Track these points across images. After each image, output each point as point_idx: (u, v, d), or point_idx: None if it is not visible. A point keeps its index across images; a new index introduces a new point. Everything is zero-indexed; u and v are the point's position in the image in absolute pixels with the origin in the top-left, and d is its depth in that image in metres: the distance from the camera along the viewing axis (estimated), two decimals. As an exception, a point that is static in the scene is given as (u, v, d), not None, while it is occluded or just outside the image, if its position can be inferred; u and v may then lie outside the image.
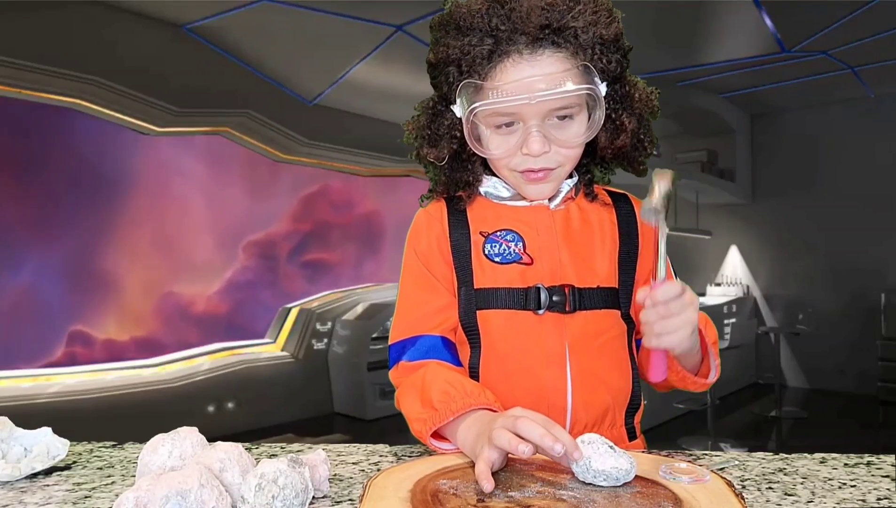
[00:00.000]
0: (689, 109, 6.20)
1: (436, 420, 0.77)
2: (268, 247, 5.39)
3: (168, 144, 4.63)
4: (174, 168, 4.71)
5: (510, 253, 0.87)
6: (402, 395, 0.85)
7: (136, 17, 4.14)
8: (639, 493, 0.61)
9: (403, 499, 0.60)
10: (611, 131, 0.86)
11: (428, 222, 0.92)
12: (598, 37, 0.79)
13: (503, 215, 0.90)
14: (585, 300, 0.86)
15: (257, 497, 0.59)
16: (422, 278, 0.90)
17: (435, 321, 0.88)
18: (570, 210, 0.91)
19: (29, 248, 3.95)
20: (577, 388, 0.85)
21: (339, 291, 5.88)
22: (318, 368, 5.37)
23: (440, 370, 0.84)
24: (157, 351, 4.55)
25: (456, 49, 0.81)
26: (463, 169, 0.89)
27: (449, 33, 0.82)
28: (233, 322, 5.14)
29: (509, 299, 0.86)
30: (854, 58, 5.11)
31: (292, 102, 5.33)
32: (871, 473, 0.73)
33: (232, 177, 5.12)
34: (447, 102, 0.86)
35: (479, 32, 0.79)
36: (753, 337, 6.54)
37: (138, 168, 4.50)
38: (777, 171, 6.72)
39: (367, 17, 4.07)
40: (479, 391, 0.79)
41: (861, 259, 6.12)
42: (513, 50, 0.79)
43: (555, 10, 0.78)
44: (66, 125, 4.10)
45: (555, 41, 0.78)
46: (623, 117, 0.86)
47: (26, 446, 0.82)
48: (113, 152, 4.32)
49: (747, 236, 6.93)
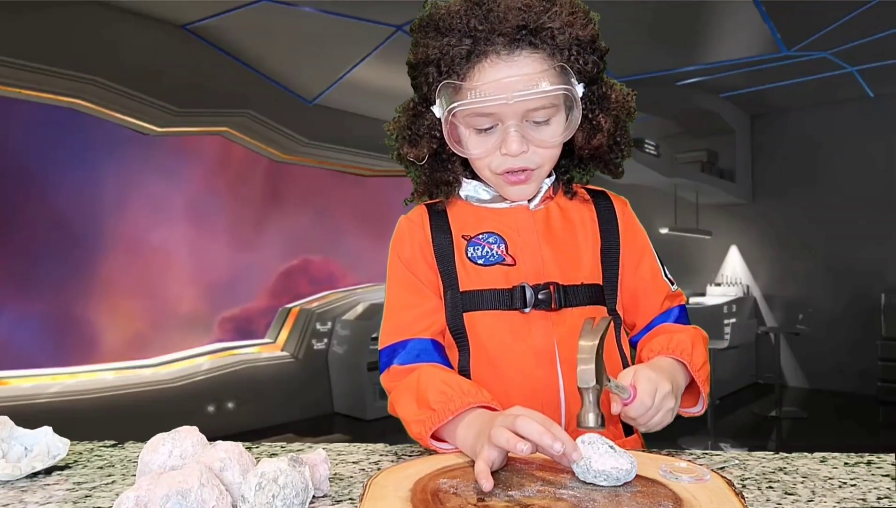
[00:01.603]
0: (689, 109, 6.21)
1: (435, 421, 0.77)
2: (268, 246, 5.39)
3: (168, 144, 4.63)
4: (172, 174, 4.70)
5: (493, 255, 0.88)
6: (397, 399, 0.85)
7: (136, 17, 4.15)
8: (639, 492, 0.61)
9: (403, 498, 0.60)
10: (587, 131, 0.87)
11: (410, 229, 0.93)
12: (575, 38, 0.80)
13: (484, 218, 0.91)
14: (571, 297, 0.86)
15: (258, 496, 0.59)
16: (408, 283, 0.91)
17: (423, 324, 0.89)
18: (550, 209, 0.92)
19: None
20: (570, 384, 0.85)
21: (339, 291, 5.88)
22: (318, 368, 5.37)
23: (435, 371, 0.84)
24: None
25: (435, 50, 0.81)
26: (443, 169, 0.90)
27: (428, 34, 0.83)
28: (233, 322, 5.13)
29: (495, 299, 0.87)
30: (854, 58, 5.11)
31: (292, 102, 5.33)
32: (871, 472, 0.73)
33: (234, 179, 5.12)
34: (427, 102, 0.87)
35: (458, 33, 0.80)
36: (753, 337, 6.54)
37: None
38: (777, 171, 6.72)
39: (367, 17, 4.08)
40: (475, 389, 0.79)
41: (861, 259, 6.12)
42: (490, 50, 0.79)
43: (531, 11, 0.78)
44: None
45: (532, 42, 0.79)
46: (599, 118, 0.86)
47: (27, 445, 0.82)
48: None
49: (747, 236, 6.93)
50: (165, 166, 4.62)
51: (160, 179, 4.60)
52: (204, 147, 4.87)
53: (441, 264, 0.90)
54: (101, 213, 4.25)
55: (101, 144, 4.23)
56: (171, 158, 4.66)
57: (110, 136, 4.27)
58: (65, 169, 4.07)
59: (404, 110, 0.90)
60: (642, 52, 4.85)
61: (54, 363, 3.99)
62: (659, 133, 6.94)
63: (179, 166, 4.72)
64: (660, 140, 6.07)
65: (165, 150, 4.61)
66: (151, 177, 4.55)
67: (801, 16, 4.25)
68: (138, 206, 4.46)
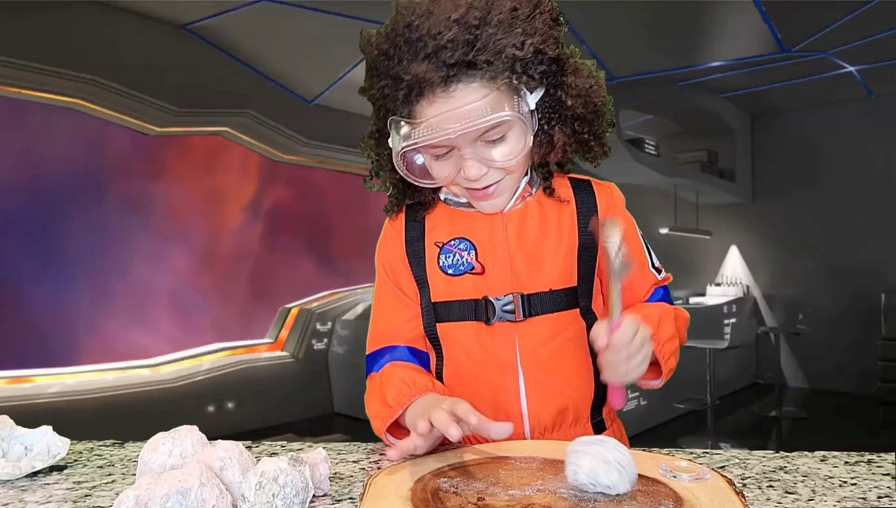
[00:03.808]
0: (689, 109, 6.21)
1: (390, 415, 0.81)
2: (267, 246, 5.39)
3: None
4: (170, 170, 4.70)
5: (463, 263, 0.88)
6: (367, 402, 0.90)
7: (136, 17, 4.15)
8: (639, 491, 0.61)
9: (404, 498, 0.60)
10: (543, 147, 0.86)
11: (392, 235, 0.94)
12: (511, 58, 0.76)
13: (458, 222, 0.91)
14: (536, 306, 0.87)
15: (258, 495, 0.59)
16: (389, 290, 0.94)
17: (403, 331, 0.92)
18: (527, 209, 0.90)
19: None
20: (532, 394, 0.87)
21: (339, 291, 5.88)
22: (318, 368, 5.37)
23: (395, 370, 0.88)
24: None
25: (376, 91, 0.83)
26: (414, 191, 0.91)
27: (371, 74, 0.84)
28: (234, 322, 5.13)
29: (462, 311, 0.88)
30: (854, 58, 5.11)
31: (292, 102, 5.33)
32: (871, 471, 0.73)
33: (233, 178, 5.12)
34: (383, 134, 0.87)
35: (390, 78, 0.79)
36: (753, 337, 6.53)
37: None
38: (777, 171, 6.72)
39: (367, 17, 4.08)
40: (429, 382, 0.83)
41: (861, 259, 6.12)
42: (426, 90, 0.77)
43: (458, 44, 0.75)
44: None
45: (466, 73, 0.76)
46: (555, 130, 0.84)
47: (27, 444, 0.82)
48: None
49: (747, 236, 6.93)
50: (165, 166, 4.63)
51: (160, 178, 4.60)
52: (204, 147, 4.87)
53: (415, 271, 0.91)
54: (101, 213, 4.25)
55: (101, 145, 4.24)
56: (171, 158, 4.66)
57: (110, 136, 4.28)
58: (65, 169, 4.07)
59: (368, 138, 0.91)
60: (642, 52, 4.86)
61: (54, 363, 3.99)
62: (659, 133, 6.95)
63: (179, 166, 4.72)
64: (660, 140, 6.08)
65: (165, 150, 4.61)
66: (151, 176, 4.55)
67: (801, 16, 4.25)
68: (138, 205, 4.46)
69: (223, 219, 5.06)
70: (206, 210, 4.91)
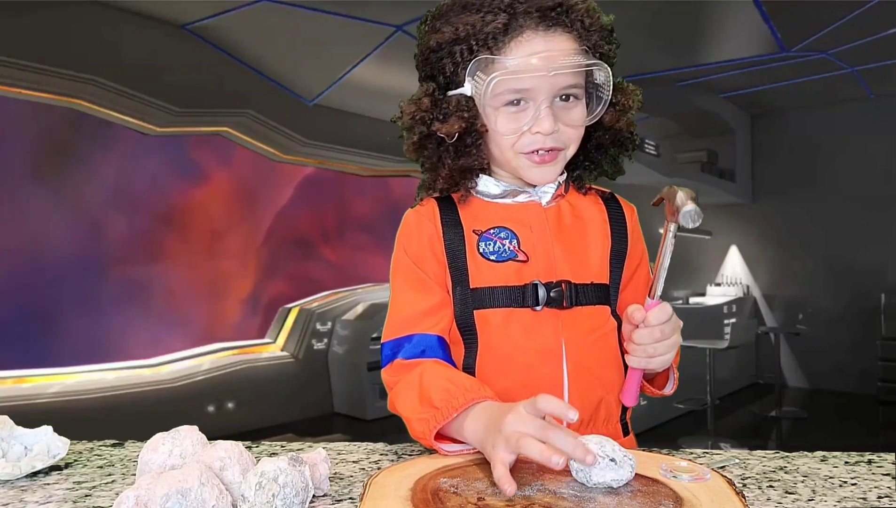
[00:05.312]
0: (689, 109, 6.21)
1: (438, 419, 0.75)
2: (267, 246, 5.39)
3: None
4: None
5: (505, 251, 0.87)
6: (398, 395, 0.83)
7: (136, 17, 4.15)
8: (639, 491, 0.61)
9: (404, 498, 0.60)
10: (613, 114, 0.89)
11: (419, 222, 0.91)
12: (599, 24, 0.85)
13: (495, 213, 0.90)
14: (581, 296, 0.86)
15: (258, 495, 0.59)
16: (414, 278, 0.89)
17: (430, 320, 0.87)
18: (561, 207, 0.92)
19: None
20: (574, 383, 0.85)
21: (339, 291, 5.88)
22: (318, 368, 5.37)
23: (438, 368, 0.82)
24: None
25: (467, 26, 0.81)
26: (467, 155, 0.87)
27: (454, 15, 0.83)
28: (234, 321, 5.13)
29: (507, 297, 0.86)
30: (854, 58, 5.11)
31: (292, 102, 5.33)
32: (871, 471, 0.73)
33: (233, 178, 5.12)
34: (450, 86, 0.85)
35: (494, 8, 0.81)
36: (753, 337, 6.53)
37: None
38: (777, 171, 6.72)
39: (367, 17, 4.08)
40: (478, 386, 0.78)
41: (861, 259, 6.12)
42: (527, 26, 0.81)
43: None
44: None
45: (564, 22, 0.82)
46: (622, 101, 0.89)
47: (27, 444, 0.82)
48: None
49: (747, 236, 6.93)
50: (165, 166, 4.63)
51: (160, 178, 4.60)
52: (204, 147, 4.87)
53: (451, 259, 0.88)
54: (101, 212, 4.25)
55: (101, 144, 4.23)
56: (171, 158, 4.66)
57: (110, 136, 4.28)
58: (65, 169, 4.07)
59: (422, 97, 0.87)
60: (642, 52, 4.85)
61: (53, 363, 3.99)
62: (659, 133, 6.94)
63: (179, 166, 4.72)
64: (660, 140, 6.07)
65: (165, 149, 4.61)
66: (151, 176, 4.55)
67: (801, 16, 4.25)
68: (138, 204, 4.46)
69: (223, 218, 5.06)
70: (205, 210, 4.91)
